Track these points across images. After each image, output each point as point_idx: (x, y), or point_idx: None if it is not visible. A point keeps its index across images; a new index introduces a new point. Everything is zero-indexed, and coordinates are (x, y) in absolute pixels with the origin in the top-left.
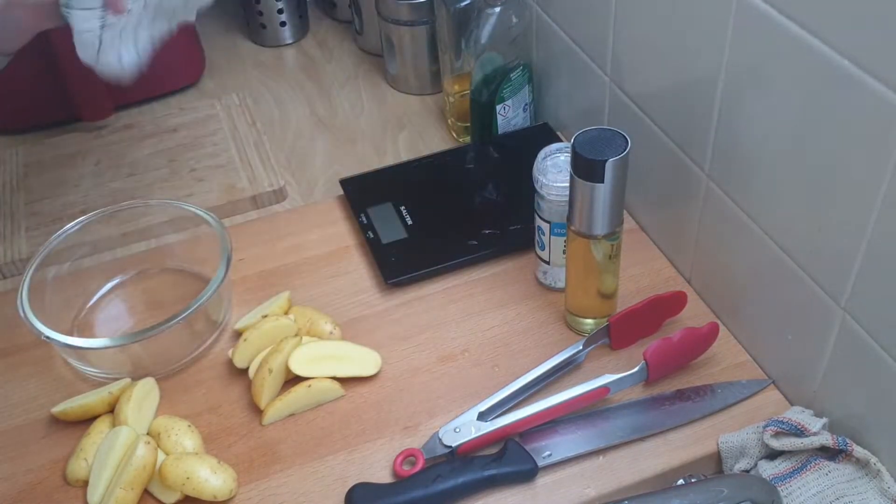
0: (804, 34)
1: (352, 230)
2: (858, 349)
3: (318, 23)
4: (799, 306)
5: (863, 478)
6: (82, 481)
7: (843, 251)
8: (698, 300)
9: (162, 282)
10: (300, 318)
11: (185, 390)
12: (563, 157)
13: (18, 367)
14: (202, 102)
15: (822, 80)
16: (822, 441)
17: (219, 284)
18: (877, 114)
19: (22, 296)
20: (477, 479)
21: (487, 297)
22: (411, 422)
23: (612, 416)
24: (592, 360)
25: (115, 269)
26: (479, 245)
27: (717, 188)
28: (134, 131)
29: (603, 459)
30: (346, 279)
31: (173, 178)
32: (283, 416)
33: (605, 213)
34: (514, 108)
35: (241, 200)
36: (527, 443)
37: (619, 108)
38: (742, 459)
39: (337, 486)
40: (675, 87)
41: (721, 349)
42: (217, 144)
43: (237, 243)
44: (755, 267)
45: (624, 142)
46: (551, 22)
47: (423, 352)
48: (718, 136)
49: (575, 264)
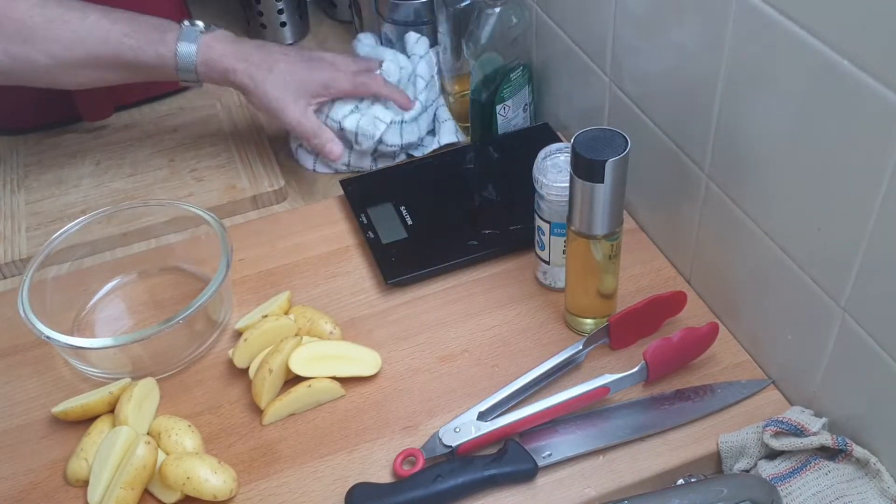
0: (804, 34)
1: (352, 230)
2: (858, 349)
3: (318, 23)
4: (799, 306)
5: (862, 478)
6: (82, 481)
7: (843, 251)
8: (698, 300)
9: (162, 282)
10: (300, 318)
11: (186, 390)
12: (563, 157)
13: (18, 367)
14: (202, 102)
15: (822, 80)
16: (822, 441)
17: (219, 284)
18: (877, 114)
19: (22, 296)
20: (477, 479)
21: (487, 297)
22: (411, 422)
23: (612, 416)
24: (592, 360)
25: (116, 269)
26: (479, 245)
27: (717, 188)
28: (134, 131)
29: (603, 459)
30: (346, 279)
31: (173, 178)
32: (283, 416)
33: (605, 213)
34: (514, 108)
35: (242, 200)
36: (527, 443)
37: (619, 108)
38: (742, 459)
39: (337, 486)
40: (675, 88)
41: (721, 349)
42: (217, 144)
43: (237, 243)
44: (755, 267)
45: (624, 142)
46: (551, 22)
47: (423, 352)
48: (718, 136)
49: (575, 264)
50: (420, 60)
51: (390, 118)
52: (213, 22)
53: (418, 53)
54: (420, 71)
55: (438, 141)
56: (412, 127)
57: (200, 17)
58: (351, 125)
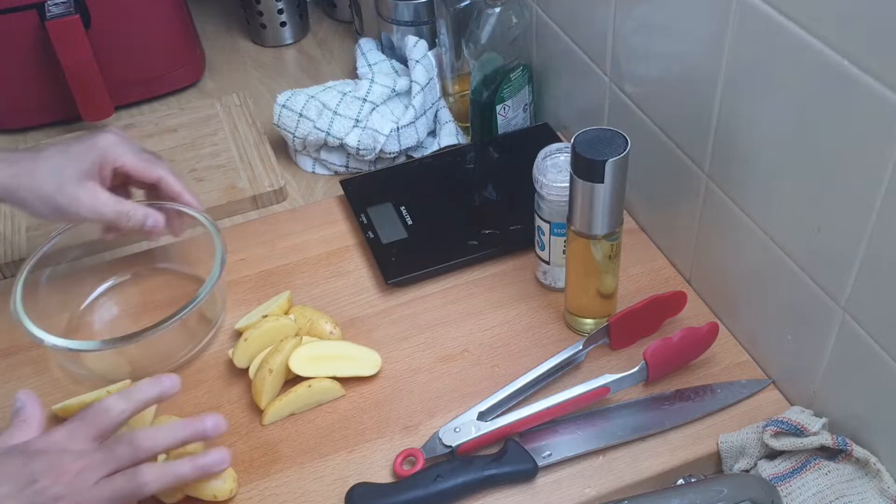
0: (804, 34)
1: (352, 230)
2: (858, 349)
3: (318, 23)
4: (799, 306)
5: (862, 478)
6: None
7: (842, 251)
8: (698, 300)
9: (156, 283)
10: (300, 318)
11: (186, 390)
12: (563, 157)
13: (18, 367)
14: (202, 102)
15: (822, 80)
16: (822, 441)
17: (213, 285)
18: (877, 114)
19: (15, 298)
20: (477, 478)
21: (487, 297)
22: (411, 422)
23: (612, 416)
24: (592, 360)
25: (109, 270)
26: (479, 245)
27: (717, 188)
28: (134, 131)
29: (603, 459)
30: (346, 279)
31: None
32: (283, 415)
33: (605, 213)
34: (514, 108)
35: (242, 200)
36: (527, 443)
37: (619, 108)
38: (742, 459)
39: (337, 486)
40: (675, 88)
41: (721, 349)
42: (217, 144)
43: (237, 243)
44: (755, 267)
45: (624, 142)
46: (551, 22)
47: (423, 352)
48: (718, 136)
49: (575, 264)
50: (417, 65)
51: (389, 129)
52: (213, 22)
53: (415, 58)
54: (416, 76)
55: (439, 143)
56: (409, 131)
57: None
58: (352, 141)
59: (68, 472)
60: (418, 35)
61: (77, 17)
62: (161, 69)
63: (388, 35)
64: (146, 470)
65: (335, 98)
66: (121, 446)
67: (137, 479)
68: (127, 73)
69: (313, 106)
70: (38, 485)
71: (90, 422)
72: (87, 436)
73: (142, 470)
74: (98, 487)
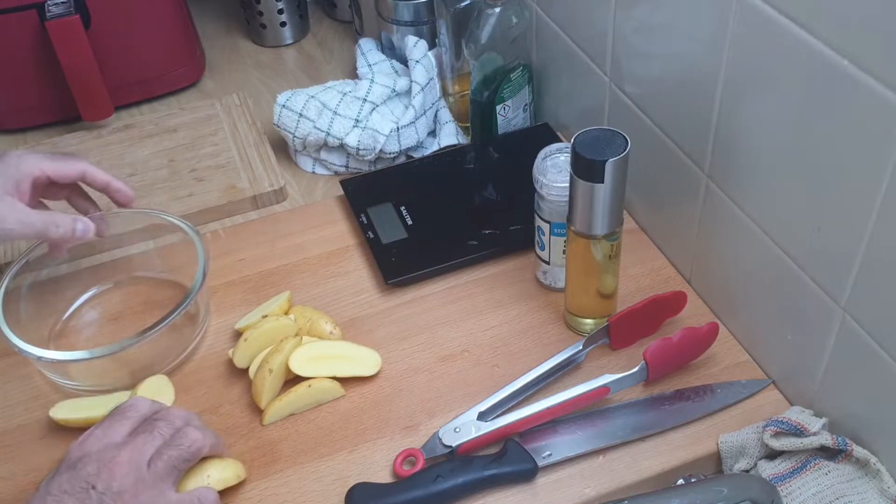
0: (804, 34)
1: (352, 230)
2: (858, 349)
3: (318, 23)
4: (799, 306)
5: (862, 478)
6: None
7: (842, 251)
8: (698, 300)
9: (138, 290)
10: (300, 318)
11: (186, 390)
12: (563, 157)
13: (18, 367)
14: (202, 102)
15: (822, 80)
16: (822, 441)
17: (195, 293)
18: (877, 114)
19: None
20: (477, 478)
21: (487, 297)
22: (411, 422)
23: (612, 416)
24: (592, 360)
25: (91, 278)
26: (479, 245)
27: (717, 188)
28: (134, 131)
29: (603, 459)
30: (346, 279)
31: (173, 178)
32: (283, 415)
33: (605, 213)
34: (514, 109)
35: (242, 200)
36: (527, 443)
37: (619, 108)
38: (742, 459)
39: (337, 486)
40: (675, 88)
41: (721, 349)
42: (217, 144)
43: (237, 243)
44: (755, 267)
45: (624, 142)
46: (551, 22)
47: (423, 352)
48: (718, 136)
49: (575, 264)
50: (416, 65)
51: (389, 129)
52: (213, 22)
53: (415, 58)
54: (416, 76)
55: (439, 143)
56: (409, 131)
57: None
58: (352, 141)
59: (119, 463)
60: (418, 35)
61: (77, 17)
62: (161, 69)
63: (388, 35)
64: (189, 431)
65: (335, 98)
66: (156, 423)
67: (186, 441)
68: (127, 73)
69: (313, 106)
70: (98, 488)
71: (120, 419)
72: (122, 431)
73: (185, 432)
74: (154, 465)
